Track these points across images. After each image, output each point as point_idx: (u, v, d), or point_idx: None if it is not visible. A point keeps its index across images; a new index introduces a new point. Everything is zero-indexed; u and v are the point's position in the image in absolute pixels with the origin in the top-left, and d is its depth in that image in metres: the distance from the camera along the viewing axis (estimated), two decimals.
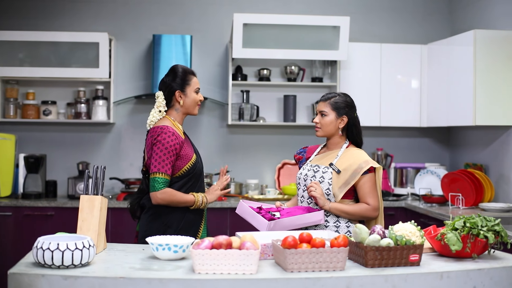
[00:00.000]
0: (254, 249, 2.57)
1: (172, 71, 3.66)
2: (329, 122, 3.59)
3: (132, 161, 6.18)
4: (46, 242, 2.59)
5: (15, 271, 2.56)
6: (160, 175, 3.44)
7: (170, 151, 3.46)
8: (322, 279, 2.54)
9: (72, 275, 2.50)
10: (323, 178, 3.51)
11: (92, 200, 2.97)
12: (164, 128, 3.50)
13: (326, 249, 2.61)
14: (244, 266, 2.55)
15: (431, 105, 6.01)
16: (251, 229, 3.52)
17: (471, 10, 5.99)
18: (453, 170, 6.13)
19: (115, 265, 2.69)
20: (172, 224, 3.54)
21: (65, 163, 6.09)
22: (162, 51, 5.90)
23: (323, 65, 6.22)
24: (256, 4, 6.29)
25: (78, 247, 2.60)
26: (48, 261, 2.57)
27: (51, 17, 6.11)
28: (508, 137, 5.36)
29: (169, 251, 2.77)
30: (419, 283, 2.63)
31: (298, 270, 2.59)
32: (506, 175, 5.38)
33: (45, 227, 5.48)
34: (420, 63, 6.10)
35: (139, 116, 6.19)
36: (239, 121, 6.12)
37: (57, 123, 6.08)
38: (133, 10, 6.21)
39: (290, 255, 2.58)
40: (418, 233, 2.76)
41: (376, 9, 6.43)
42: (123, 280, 2.49)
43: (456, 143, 6.37)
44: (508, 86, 5.25)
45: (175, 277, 2.52)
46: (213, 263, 2.55)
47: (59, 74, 5.76)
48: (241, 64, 6.21)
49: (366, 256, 2.68)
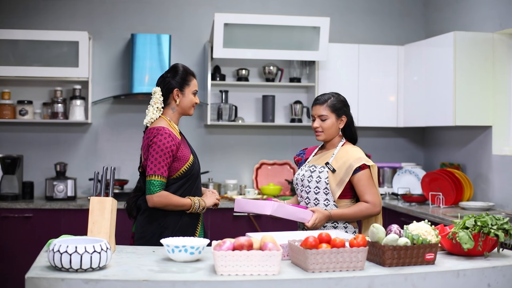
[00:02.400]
0: (276, 249, 2.57)
1: (173, 68, 3.62)
2: (331, 125, 3.60)
3: (109, 162, 6.09)
4: (63, 245, 2.54)
5: (33, 275, 2.50)
6: (156, 177, 3.38)
7: (166, 153, 3.41)
8: (344, 279, 2.56)
9: (93, 279, 2.46)
10: (320, 178, 3.53)
11: (102, 202, 2.92)
12: (161, 130, 3.45)
13: (346, 249, 2.62)
14: (266, 267, 2.55)
15: (408, 105, 6.10)
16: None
17: (446, 13, 6.10)
18: (429, 169, 6.23)
19: (132, 268, 2.65)
20: (169, 226, 3.49)
21: (42, 163, 5.97)
22: (140, 50, 5.83)
23: (301, 65, 6.25)
24: (234, 4, 6.28)
25: (96, 250, 2.55)
26: (65, 265, 2.52)
27: (25, 15, 5.96)
28: (485, 137, 5.48)
29: (185, 252, 2.75)
30: (437, 282, 2.66)
31: (319, 270, 2.59)
32: (484, 175, 5.49)
33: (24, 229, 5.38)
34: (397, 64, 6.18)
35: (116, 116, 6.11)
36: (217, 121, 6.10)
37: (34, 123, 5.95)
38: (110, 9, 6.12)
39: (312, 255, 2.58)
40: (433, 232, 2.80)
41: (353, 10, 6.49)
42: (147, 283, 2.45)
43: (431, 143, 6.47)
44: (487, 87, 5.37)
45: (199, 279, 2.49)
46: (236, 264, 2.54)
47: (38, 74, 5.63)
48: (220, 64, 6.19)
49: (384, 255, 2.70)
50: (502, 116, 5.38)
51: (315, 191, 3.55)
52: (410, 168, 6.06)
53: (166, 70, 3.67)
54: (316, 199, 3.56)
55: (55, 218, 5.45)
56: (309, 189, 3.58)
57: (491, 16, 5.39)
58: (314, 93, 6.07)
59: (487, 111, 5.38)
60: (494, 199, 5.34)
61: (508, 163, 5.19)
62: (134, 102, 6.13)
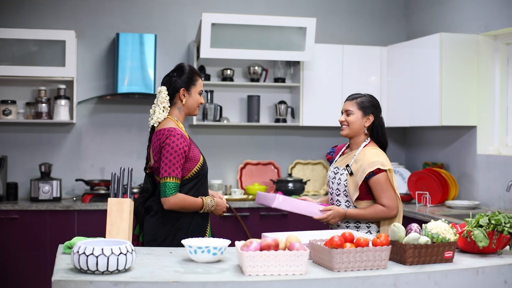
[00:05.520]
0: (303, 250, 2.59)
1: (179, 68, 3.59)
2: (355, 119, 3.65)
3: (92, 162, 6.03)
4: (88, 247, 2.51)
5: (59, 278, 2.46)
6: (171, 179, 3.36)
7: (180, 154, 3.39)
8: (371, 278, 2.59)
9: (122, 281, 2.44)
10: (340, 180, 3.60)
11: (121, 203, 2.89)
12: (172, 131, 3.43)
13: (370, 248, 2.65)
14: (294, 267, 2.56)
15: (391, 105, 6.17)
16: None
17: (429, 15, 6.20)
18: (411, 169, 6.32)
19: (157, 269, 2.64)
20: (182, 227, 3.48)
21: (26, 164, 5.86)
22: (124, 50, 5.78)
23: (285, 65, 6.27)
24: (219, 4, 6.27)
25: (122, 252, 2.53)
26: (92, 267, 2.49)
27: (7, 12, 5.85)
28: (470, 137, 5.58)
29: (208, 253, 2.74)
30: (458, 279, 2.72)
31: (344, 269, 2.62)
32: (468, 174, 5.59)
33: (11, 231, 5.29)
34: (380, 64, 6.25)
35: (99, 116, 6.05)
36: (203, 121, 6.09)
37: (18, 123, 5.84)
38: (95, 8, 6.04)
39: (337, 254, 2.60)
40: (451, 231, 2.85)
41: (337, 12, 6.53)
42: (177, 285, 2.44)
43: (412, 143, 6.57)
44: (472, 87, 5.47)
45: (229, 279, 2.49)
46: (264, 265, 2.54)
47: (24, 73, 5.54)
48: (204, 64, 6.17)
49: (405, 254, 2.74)
50: (486, 116, 5.49)
51: (336, 192, 3.61)
52: (394, 167, 6.13)
53: (172, 69, 3.63)
54: (338, 201, 3.61)
55: (41, 220, 5.37)
56: (332, 190, 3.64)
57: (476, 18, 5.49)
58: (298, 93, 6.10)
59: (472, 111, 5.48)
60: (479, 198, 5.44)
61: (492, 163, 5.30)
62: (118, 102, 6.08)
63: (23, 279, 5.30)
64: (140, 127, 6.09)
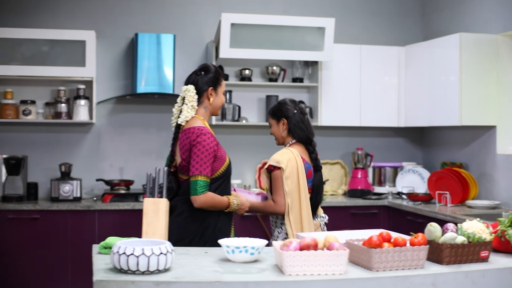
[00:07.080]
0: (343, 249, 2.60)
1: (205, 67, 3.59)
2: (275, 130, 3.92)
3: (111, 162, 6.05)
4: (129, 248, 2.52)
5: (101, 278, 2.47)
6: (202, 177, 3.36)
7: (210, 153, 3.40)
8: (410, 277, 2.59)
9: (163, 281, 2.44)
10: None
11: (157, 203, 2.90)
12: (203, 129, 3.44)
13: (408, 247, 2.66)
14: (333, 266, 2.57)
15: (409, 105, 6.18)
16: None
17: (446, 15, 6.20)
18: (429, 169, 6.32)
19: (196, 269, 2.65)
20: (209, 226, 3.48)
21: (45, 164, 5.88)
22: (143, 50, 5.79)
23: (303, 65, 6.28)
24: (237, 4, 6.28)
25: (162, 252, 2.54)
26: (132, 267, 2.49)
27: (27, 13, 5.87)
28: (489, 136, 5.59)
29: (246, 253, 2.75)
30: (494, 279, 2.72)
31: (383, 269, 2.63)
32: (488, 173, 5.60)
33: (32, 231, 5.31)
34: (397, 64, 6.26)
35: (118, 116, 6.07)
36: (221, 121, 6.10)
37: (37, 123, 5.86)
38: (114, 8, 6.06)
39: (376, 254, 2.61)
40: (487, 230, 2.86)
41: (353, 11, 6.55)
42: (219, 284, 2.45)
43: (430, 143, 6.57)
44: (491, 87, 5.48)
45: (270, 279, 2.50)
46: (304, 264, 2.55)
47: (44, 73, 5.55)
48: (223, 64, 6.19)
49: (442, 254, 2.75)
50: (506, 116, 5.50)
51: None
52: (413, 167, 6.14)
53: (196, 69, 3.62)
54: None
55: (62, 219, 5.38)
56: None
57: (494, 18, 5.50)
58: (316, 93, 6.12)
59: (491, 111, 5.49)
60: (499, 198, 5.45)
61: None
62: (136, 102, 6.09)
63: (45, 279, 5.32)
64: (158, 127, 6.10)
